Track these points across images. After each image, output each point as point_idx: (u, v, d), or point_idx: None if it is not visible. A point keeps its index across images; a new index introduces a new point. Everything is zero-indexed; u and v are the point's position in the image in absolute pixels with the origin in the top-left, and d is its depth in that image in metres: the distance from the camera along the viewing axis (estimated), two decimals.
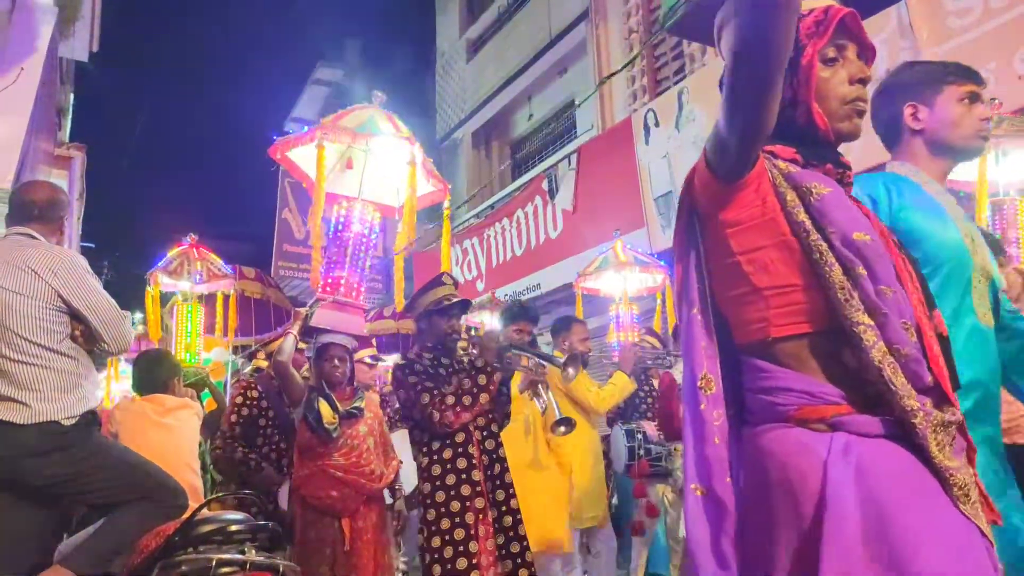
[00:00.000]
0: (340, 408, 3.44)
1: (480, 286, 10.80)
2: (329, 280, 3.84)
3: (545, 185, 9.66)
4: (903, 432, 1.36)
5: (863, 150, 5.80)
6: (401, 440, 4.17)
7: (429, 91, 14.26)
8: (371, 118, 4.00)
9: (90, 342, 2.60)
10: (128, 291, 9.93)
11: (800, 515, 1.32)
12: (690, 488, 1.43)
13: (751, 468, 1.42)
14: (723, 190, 1.45)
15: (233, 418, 4.02)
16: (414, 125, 4.32)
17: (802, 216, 1.44)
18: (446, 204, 4.50)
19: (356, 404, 3.52)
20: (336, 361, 3.53)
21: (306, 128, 3.95)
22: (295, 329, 3.61)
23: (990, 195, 4.33)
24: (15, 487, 2.43)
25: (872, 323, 1.37)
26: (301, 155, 4.10)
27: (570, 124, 11.09)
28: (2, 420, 2.39)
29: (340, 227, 3.96)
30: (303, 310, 3.72)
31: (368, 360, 4.62)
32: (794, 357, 1.43)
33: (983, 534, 1.31)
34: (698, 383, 1.44)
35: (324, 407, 3.38)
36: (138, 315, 10.15)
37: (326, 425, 3.34)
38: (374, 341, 4.75)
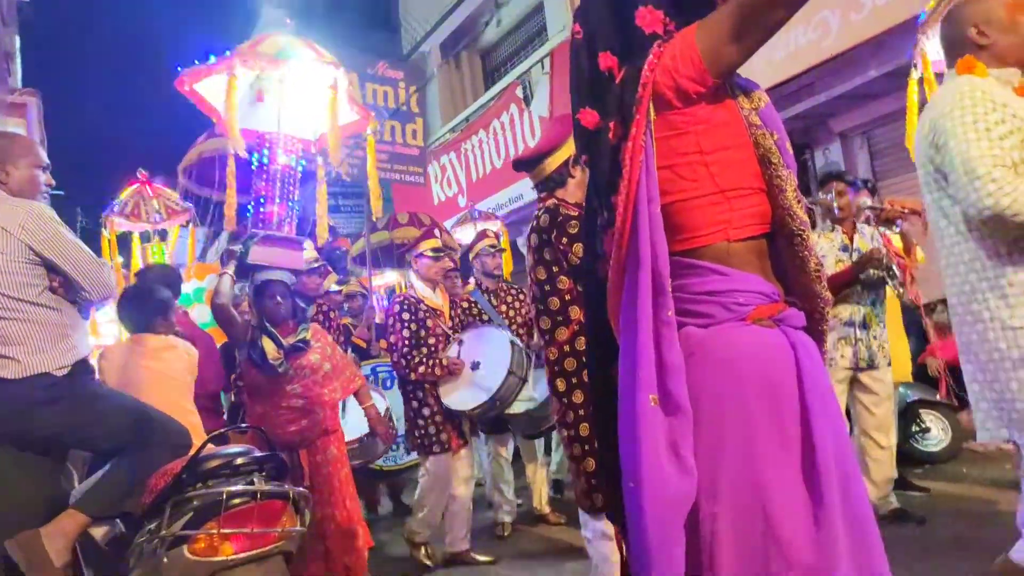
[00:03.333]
0: (285, 343, 3.38)
1: (462, 201, 10.70)
2: (260, 216, 3.73)
3: (519, 92, 9.44)
4: (808, 322, 1.52)
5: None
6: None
7: (392, 4, 13.71)
8: (288, 44, 3.78)
9: (70, 292, 2.56)
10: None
11: (779, 404, 1.38)
12: (646, 399, 1.37)
13: (714, 366, 1.41)
14: (709, 84, 1.42)
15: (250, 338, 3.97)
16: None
17: (757, 120, 1.48)
18: (368, 132, 4.38)
19: (301, 337, 3.46)
20: (279, 298, 3.45)
21: (213, 58, 3.71)
22: (230, 268, 3.47)
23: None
24: (18, 441, 2.44)
25: (808, 222, 1.48)
26: (209, 87, 3.79)
27: (540, 27, 10.73)
28: None
29: (266, 161, 3.79)
30: (236, 247, 3.57)
31: (430, 253, 4.32)
32: (745, 260, 1.46)
33: None
34: (668, 287, 1.40)
35: (268, 344, 3.33)
36: (120, 259, 10.00)
37: (271, 361, 3.30)
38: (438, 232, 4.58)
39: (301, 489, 2.47)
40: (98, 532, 2.50)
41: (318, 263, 4.68)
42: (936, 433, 5.02)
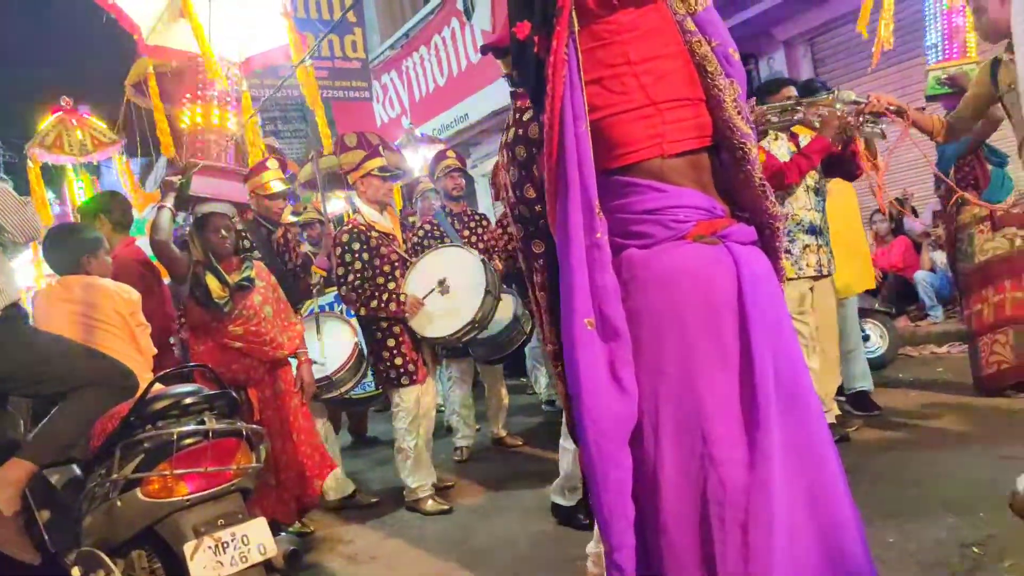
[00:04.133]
0: (230, 281, 3.27)
1: (406, 122, 10.40)
2: (199, 145, 3.53)
3: (460, 5, 9.09)
4: (760, 238, 1.49)
5: None
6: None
7: None
8: None
9: None
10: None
11: (718, 322, 1.38)
12: (581, 323, 1.37)
13: (653, 286, 1.40)
14: None
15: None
16: None
17: (692, 26, 1.41)
18: (308, 61, 4.18)
19: (246, 275, 3.34)
20: (223, 231, 3.31)
21: None
22: (169, 202, 3.30)
23: None
24: None
25: (751, 135, 1.43)
26: (131, 3, 3.59)
27: None
28: None
29: (200, 85, 3.54)
30: (175, 179, 3.38)
31: (377, 173, 4.01)
32: (682, 174, 1.42)
33: None
34: (596, 209, 1.37)
35: (212, 281, 3.22)
36: (51, 194, 9.53)
37: (216, 300, 3.21)
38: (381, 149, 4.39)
39: (254, 426, 2.45)
40: (54, 476, 2.46)
41: (285, 185, 4.35)
42: (875, 340, 5.20)
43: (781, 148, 3.72)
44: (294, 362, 3.62)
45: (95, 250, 3.07)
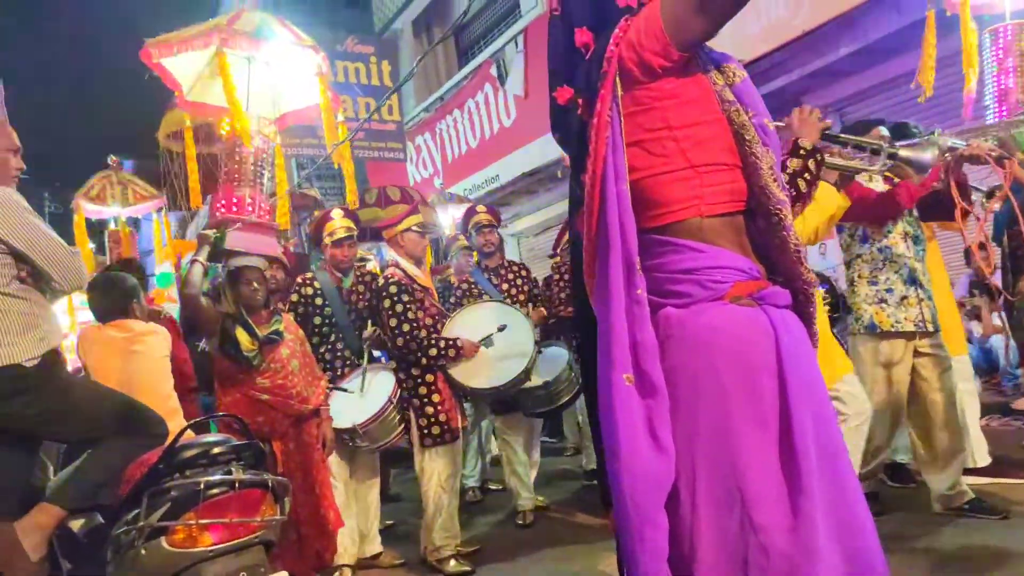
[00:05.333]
0: (260, 334, 3.30)
1: (438, 183, 10.62)
2: (235, 200, 3.59)
3: (494, 71, 9.36)
4: (794, 303, 1.51)
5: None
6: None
7: None
8: (264, 22, 3.63)
9: (39, 281, 2.50)
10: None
11: (757, 384, 1.38)
12: (620, 378, 1.38)
13: (691, 346, 1.41)
14: (675, 59, 1.41)
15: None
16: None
17: (730, 96, 1.46)
18: (340, 117, 4.27)
19: (275, 328, 3.38)
20: (255, 284, 3.37)
21: (180, 32, 3.56)
22: (203, 256, 3.37)
23: (991, 19, 4.26)
24: None
25: (787, 202, 1.46)
26: (175, 62, 3.68)
27: (514, 3, 10.61)
28: None
29: (237, 143, 3.61)
30: (209, 233, 3.46)
31: (417, 228, 4.01)
32: (720, 235, 1.45)
33: None
34: (636, 266, 1.40)
35: (241, 334, 3.24)
36: (92, 245, 9.83)
37: (245, 353, 3.24)
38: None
39: (280, 478, 2.45)
40: (76, 524, 2.47)
41: (349, 231, 4.21)
42: None
43: (877, 188, 3.42)
44: None
45: (138, 297, 3.22)
